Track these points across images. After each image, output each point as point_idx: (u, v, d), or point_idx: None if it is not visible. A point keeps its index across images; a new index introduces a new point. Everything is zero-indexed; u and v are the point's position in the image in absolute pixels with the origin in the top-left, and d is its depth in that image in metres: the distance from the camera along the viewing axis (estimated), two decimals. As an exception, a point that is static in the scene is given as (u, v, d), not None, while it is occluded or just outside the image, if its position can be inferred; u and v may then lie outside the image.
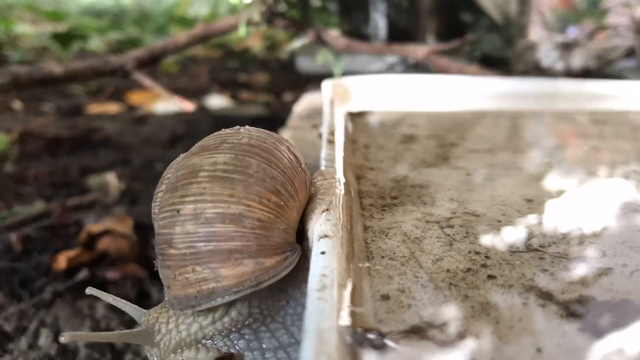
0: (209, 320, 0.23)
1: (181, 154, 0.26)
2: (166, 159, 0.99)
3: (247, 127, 0.26)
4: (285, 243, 0.23)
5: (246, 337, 0.23)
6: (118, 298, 0.26)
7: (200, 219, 0.22)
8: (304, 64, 1.22)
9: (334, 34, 1.04)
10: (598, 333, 0.19)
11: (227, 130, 0.26)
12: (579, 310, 0.21)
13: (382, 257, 0.25)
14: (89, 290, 0.26)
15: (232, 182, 0.22)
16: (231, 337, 0.23)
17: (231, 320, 0.23)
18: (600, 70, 0.97)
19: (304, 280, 0.23)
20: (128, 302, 0.25)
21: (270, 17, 0.77)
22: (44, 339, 0.46)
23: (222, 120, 1.24)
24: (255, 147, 0.24)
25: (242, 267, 0.22)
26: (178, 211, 0.22)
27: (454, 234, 0.28)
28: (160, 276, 0.23)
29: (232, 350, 0.23)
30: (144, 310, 0.25)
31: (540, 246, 0.26)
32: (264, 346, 0.23)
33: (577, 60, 1.02)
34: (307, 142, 0.64)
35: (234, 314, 0.23)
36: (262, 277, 0.22)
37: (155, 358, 0.23)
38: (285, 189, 0.23)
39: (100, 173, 0.89)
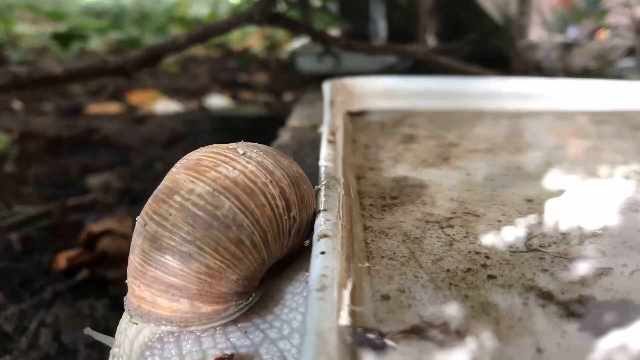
0: (133, 330, 0.23)
1: (200, 148, 0.25)
2: (166, 159, 0.99)
3: (255, 154, 0.24)
4: (232, 293, 0.22)
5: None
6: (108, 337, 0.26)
7: (156, 243, 0.21)
8: (304, 64, 1.22)
9: (334, 34, 1.04)
10: (598, 333, 0.19)
11: (231, 154, 0.24)
12: (579, 310, 0.21)
13: (382, 257, 0.25)
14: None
15: (195, 220, 0.21)
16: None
17: (150, 332, 0.23)
18: (600, 70, 0.97)
19: (257, 316, 0.23)
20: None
21: (270, 16, 0.77)
22: (44, 339, 0.46)
23: (222, 121, 1.24)
24: (238, 186, 0.22)
25: (177, 304, 0.21)
26: (145, 224, 0.22)
27: (454, 234, 0.28)
28: None
29: None
30: None
31: (540, 246, 0.26)
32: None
33: (577, 60, 1.02)
34: (307, 142, 0.64)
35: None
36: (192, 321, 0.22)
37: None
38: (250, 241, 0.22)
39: (100, 173, 0.89)
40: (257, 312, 0.24)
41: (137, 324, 0.23)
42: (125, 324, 0.24)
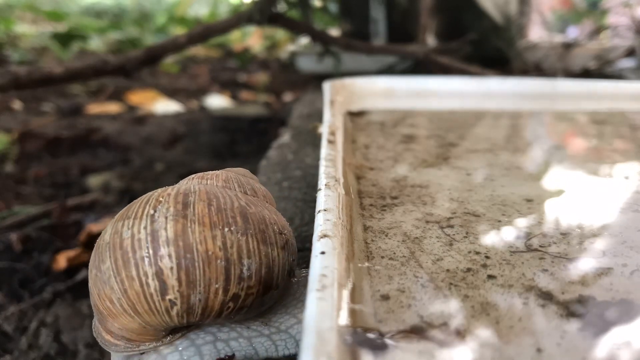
0: None
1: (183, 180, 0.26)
2: (166, 159, 0.99)
3: (162, 218, 0.22)
4: (120, 336, 0.23)
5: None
6: None
7: None
8: (304, 64, 1.22)
9: (333, 34, 1.04)
10: (598, 333, 0.19)
11: (146, 210, 0.22)
12: (579, 310, 0.21)
13: (382, 257, 0.25)
14: None
15: (94, 261, 0.22)
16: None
17: None
18: (600, 70, 0.97)
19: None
20: None
21: (270, 16, 0.77)
22: (44, 339, 0.46)
23: (222, 120, 1.24)
24: (121, 249, 0.21)
25: (95, 316, 0.24)
26: None
27: (454, 234, 0.28)
28: None
29: None
30: None
31: (540, 246, 0.26)
32: None
33: (577, 60, 1.02)
34: (307, 142, 0.64)
35: None
36: (96, 334, 0.24)
37: None
38: (120, 305, 0.21)
39: (100, 173, 0.89)
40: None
41: None
42: None
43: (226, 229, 0.22)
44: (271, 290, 0.23)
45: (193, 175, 0.27)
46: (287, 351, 0.24)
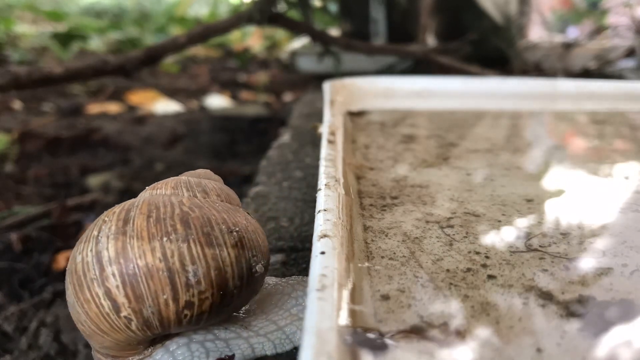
0: None
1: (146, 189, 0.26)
2: (166, 159, 0.99)
3: (104, 238, 0.22)
4: (105, 354, 0.24)
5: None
6: None
7: None
8: (304, 64, 1.22)
9: (333, 34, 1.04)
10: (598, 333, 0.19)
11: (93, 232, 0.23)
12: (579, 310, 0.21)
13: (382, 257, 0.25)
14: None
15: (64, 288, 0.23)
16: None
17: None
18: (600, 70, 0.97)
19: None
20: None
21: (270, 16, 0.77)
22: (44, 339, 0.46)
23: (222, 120, 1.24)
24: (75, 275, 0.22)
25: None
26: None
27: (454, 234, 0.28)
28: None
29: None
30: None
31: (540, 246, 0.26)
32: None
33: (577, 60, 1.02)
34: (307, 142, 0.64)
35: None
36: (94, 355, 0.25)
37: None
38: (87, 326, 0.22)
39: (100, 173, 0.89)
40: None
41: None
42: None
43: (165, 239, 0.22)
44: (230, 291, 0.23)
45: (147, 187, 0.27)
46: (263, 352, 0.24)
